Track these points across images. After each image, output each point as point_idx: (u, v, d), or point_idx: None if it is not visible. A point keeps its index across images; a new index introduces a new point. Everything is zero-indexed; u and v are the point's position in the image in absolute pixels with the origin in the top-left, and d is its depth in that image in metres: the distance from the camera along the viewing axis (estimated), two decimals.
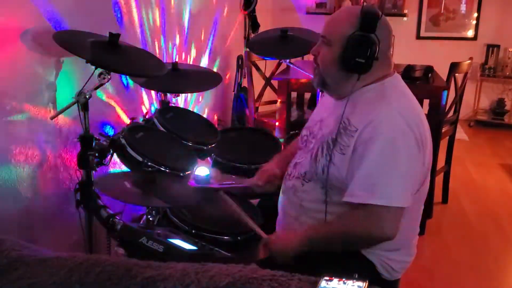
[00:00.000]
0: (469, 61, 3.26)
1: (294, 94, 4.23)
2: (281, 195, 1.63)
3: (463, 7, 5.63)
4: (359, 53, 1.37)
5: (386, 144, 1.32)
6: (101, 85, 1.70)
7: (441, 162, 3.31)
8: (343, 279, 0.94)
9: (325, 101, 1.64)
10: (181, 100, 2.99)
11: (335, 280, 0.94)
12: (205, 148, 2.16)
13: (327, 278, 0.94)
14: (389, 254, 1.47)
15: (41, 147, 1.82)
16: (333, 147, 1.41)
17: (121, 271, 0.96)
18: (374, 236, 1.37)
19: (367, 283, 0.93)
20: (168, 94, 2.40)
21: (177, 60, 2.94)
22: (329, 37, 1.44)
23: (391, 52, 1.48)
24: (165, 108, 2.34)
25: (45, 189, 1.86)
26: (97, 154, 1.77)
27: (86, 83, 1.69)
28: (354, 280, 0.94)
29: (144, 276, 0.95)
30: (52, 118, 1.77)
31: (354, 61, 1.37)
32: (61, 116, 1.81)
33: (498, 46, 5.48)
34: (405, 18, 5.60)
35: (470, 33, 5.66)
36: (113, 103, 2.27)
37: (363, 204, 1.33)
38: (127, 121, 2.30)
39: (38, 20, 1.74)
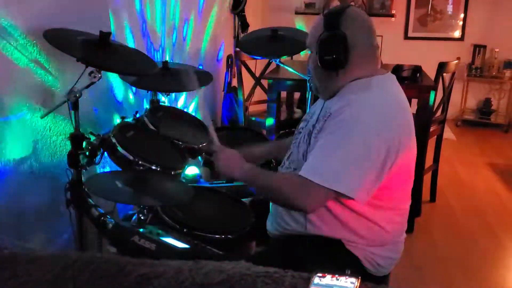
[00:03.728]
0: (456, 61, 3.30)
1: (283, 94, 4.24)
2: None
3: (450, 8, 5.69)
4: (329, 51, 1.42)
5: (341, 126, 1.36)
6: (92, 83, 1.69)
7: (429, 161, 3.34)
8: (336, 275, 0.95)
9: None
10: (171, 99, 2.99)
11: (328, 276, 0.95)
12: (196, 147, 2.16)
13: (320, 274, 0.95)
14: (374, 249, 1.49)
15: (32, 146, 1.81)
16: (312, 134, 1.46)
17: (115, 269, 0.96)
18: (295, 204, 1.40)
19: (359, 279, 0.94)
20: (159, 93, 2.39)
21: (167, 59, 2.93)
22: (309, 45, 1.52)
23: (374, 43, 1.49)
24: (156, 107, 2.33)
25: (35, 188, 1.84)
26: (87, 153, 1.76)
27: (76, 82, 1.69)
28: (347, 277, 0.95)
29: (138, 273, 0.95)
30: (42, 116, 1.76)
31: (327, 59, 1.43)
32: (51, 115, 1.80)
33: (484, 47, 5.55)
34: (393, 19, 5.65)
35: (457, 33, 5.72)
36: (103, 101, 2.26)
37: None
38: (117, 120, 2.29)
39: (29, 17, 1.73)
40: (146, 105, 2.60)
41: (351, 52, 1.42)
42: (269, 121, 3.29)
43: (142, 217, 1.72)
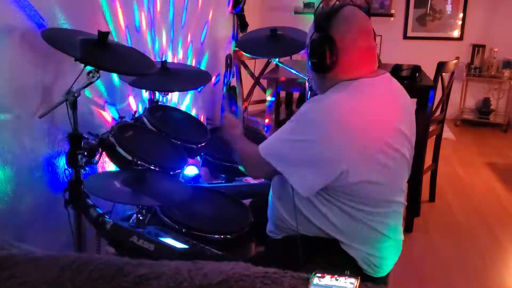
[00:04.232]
0: (455, 60, 3.30)
1: (283, 94, 4.24)
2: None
3: (449, 8, 5.70)
4: (316, 54, 1.43)
5: (298, 116, 1.42)
6: (90, 83, 1.69)
7: (428, 161, 3.34)
8: (335, 276, 0.95)
9: None
10: (170, 99, 2.98)
11: (327, 276, 0.94)
12: (195, 147, 2.16)
13: (320, 275, 0.95)
14: (369, 250, 1.49)
15: (30, 146, 1.80)
16: None
17: (113, 270, 0.96)
18: (246, 169, 1.64)
19: (359, 280, 0.94)
20: (157, 93, 2.39)
21: (166, 58, 2.93)
22: (306, 46, 1.53)
23: (368, 45, 1.45)
24: (155, 107, 2.33)
25: (33, 188, 1.84)
26: (86, 153, 1.76)
27: (75, 82, 1.68)
28: (346, 277, 0.94)
29: (137, 274, 0.94)
30: (40, 116, 1.75)
31: (315, 62, 1.44)
32: (49, 115, 1.79)
33: (483, 46, 5.55)
34: (392, 18, 5.65)
35: (456, 33, 5.73)
36: (102, 101, 2.26)
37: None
38: (116, 119, 2.29)
39: (27, 17, 1.72)
40: (145, 105, 2.60)
41: (339, 55, 1.40)
42: (268, 121, 3.29)
43: (140, 217, 1.72)
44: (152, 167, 1.82)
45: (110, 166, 2.11)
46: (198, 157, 2.28)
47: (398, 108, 1.48)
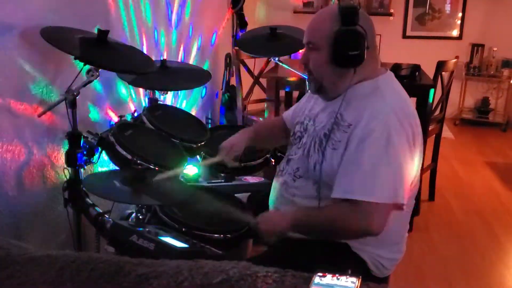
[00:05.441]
0: (455, 59, 3.29)
1: (282, 93, 4.23)
2: (272, 191, 1.63)
3: (448, 7, 5.70)
4: (350, 47, 1.37)
5: (379, 141, 1.32)
6: (90, 82, 1.68)
7: (427, 160, 3.34)
8: (337, 275, 0.94)
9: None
10: (169, 98, 2.98)
11: (329, 276, 0.94)
12: (194, 146, 2.15)
13: (321, 274, 0.94)
14: (381, 251, 1.48)
15: (29, 145, 1.79)
16: (326, 143, 1.42)
17: (113, 269, 0.95)
18: (360, 231, 1.36)
19: (360, 279, 0.93)
20: (157, 92, 2.38)
21: (165, 57, 2.92)
22: (314, 41, 1.44)
23: (376, 43, 1.50)
24: (154, 105, 2.32)
25: (33, 187, 1.83)
26: (85, 152, 1.75)
27: (74, 80, 1.68)
28: (348, 276, 0.94)
29: (137, 273, 0.94)
30: (39, 115, 1.74)
31: (347, 55, 1.37)
32: (48, 113, 1.78)
33: (482, 46, 5.55)
34: (391, 17, 5.65)
35: (455, 32, 5.72)
36: (101, 100, 2.25)
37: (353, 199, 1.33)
38: (115, 118, 2.28)
39: (26, 15, 1.71)
40: (145, 104, 2.59)
41: (368, 49, 1.39)
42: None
43: (140, 217, 1.71)
44: (151, 166, 1.81)
45: (110, 165, 2.10)
46: (197, 156, 2.27)
47: None
